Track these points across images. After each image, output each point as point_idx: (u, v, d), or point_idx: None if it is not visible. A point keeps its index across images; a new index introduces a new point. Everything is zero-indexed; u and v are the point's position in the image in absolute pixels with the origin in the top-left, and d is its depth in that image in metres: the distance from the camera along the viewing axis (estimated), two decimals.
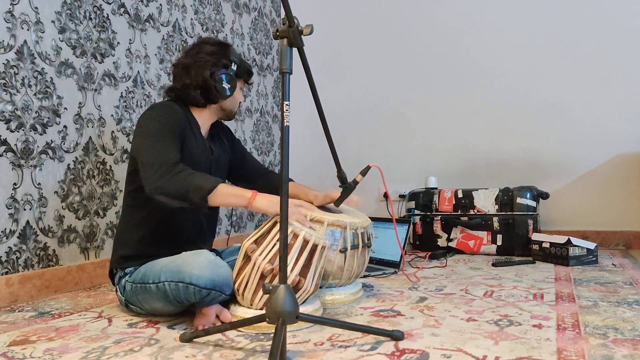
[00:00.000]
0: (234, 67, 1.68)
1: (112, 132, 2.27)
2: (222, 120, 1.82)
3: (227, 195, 1.47)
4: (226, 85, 1.64)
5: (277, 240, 1.43)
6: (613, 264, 2.42)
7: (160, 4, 2.57)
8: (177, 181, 1.44)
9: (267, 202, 1.47)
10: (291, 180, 1.92)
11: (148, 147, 1.52)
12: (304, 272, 1.45)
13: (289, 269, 1.37)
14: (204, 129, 1.74)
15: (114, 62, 2.28)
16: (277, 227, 1.45)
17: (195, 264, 1.40)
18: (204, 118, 1.72)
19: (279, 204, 1.46)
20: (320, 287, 1.72)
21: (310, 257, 1.46)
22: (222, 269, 1.43)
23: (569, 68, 3.14)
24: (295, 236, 1.45)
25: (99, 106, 2.20)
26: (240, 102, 1.80)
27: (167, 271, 1.44)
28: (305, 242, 1.45)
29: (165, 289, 1.43)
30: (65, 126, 2.04)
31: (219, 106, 1.72)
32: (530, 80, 3.23)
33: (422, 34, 3.51)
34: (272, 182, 1.87)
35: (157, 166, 1.46)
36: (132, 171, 1.64)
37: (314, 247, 1.47)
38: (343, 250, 1.68)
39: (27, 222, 1.89)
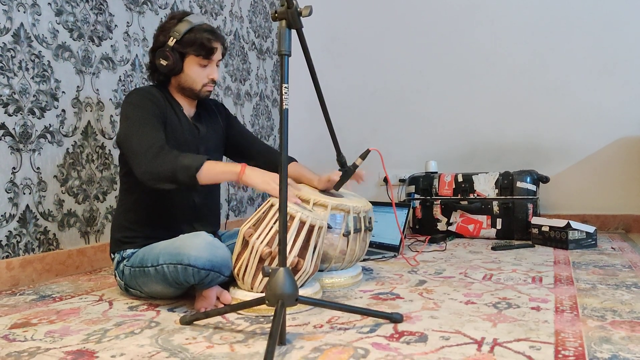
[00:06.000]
0: (171, 42, 1.62)
1: (111, 116, 2.25)
2: (196, 98, 1.73)
3: (215, 172, 1.50)
4: (163, 62, 1.63)
5: (274, 223, 1.43)
6: (612, 248, 2.43)
7: None
8: (165, 164, 1.46)
9: (258, 174, 1.49)
10: (294, 160, 1.91)
11: (133, 134, 1.53)
12: (302, 254, 1.45)
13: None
14: (187, 108, 1.73)
15: (111, 46, 2.26)
16: (273, 210, 1.46)
17: (193, 246, 1.41)
18: (180, 97, 1.71)
19: (270, 178, 1.47)
20: (322, 271, 1.73)
21: (308, 238, 1.47)
22: (220, 250, 1.44)
23: (571, 51, 3.12)
24: (292, 218, 1.45)
25: (97, 90, 2.19)
26: (208, 81, 1.68)
27: (165, 254, 1.44)
28: (302, 223, 1.46)
29: (164, 271, 1.44)
30: (63, 110, 2.03)
31: (176, 83, 1.69)
32: (532, 64, 3.20)
33: (423, 17, 3.47)
34: (274, 160, 1.85)
35: (143, 151, 1.48)
36: (122, 155, 1.66)
37: (311, 228, 1.47)
38: (346, 234, 1.68)
39: (27, 206, 1.89)
